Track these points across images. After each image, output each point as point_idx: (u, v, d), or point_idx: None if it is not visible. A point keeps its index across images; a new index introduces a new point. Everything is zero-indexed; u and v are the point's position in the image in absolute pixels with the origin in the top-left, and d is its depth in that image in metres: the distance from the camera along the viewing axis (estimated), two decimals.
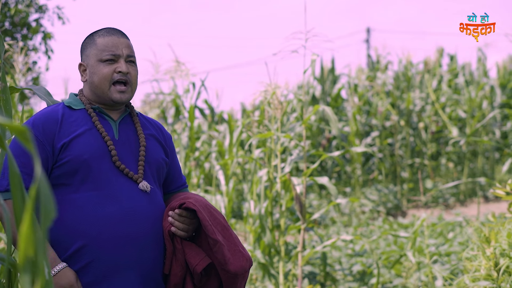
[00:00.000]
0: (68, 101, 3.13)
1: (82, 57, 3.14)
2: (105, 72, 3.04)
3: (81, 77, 3.15)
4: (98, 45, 3.07)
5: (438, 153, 15.75)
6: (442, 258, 7.13)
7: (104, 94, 3.07)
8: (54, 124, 2.98)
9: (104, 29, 3.15)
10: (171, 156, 3.32)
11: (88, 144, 2.97)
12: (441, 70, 16.86)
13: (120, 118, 3.15)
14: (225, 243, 2.99)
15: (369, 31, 26.83)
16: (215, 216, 3.04)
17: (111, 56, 3.05)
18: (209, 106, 11.47)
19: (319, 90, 16.09)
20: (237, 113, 15.04)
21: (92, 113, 3.07)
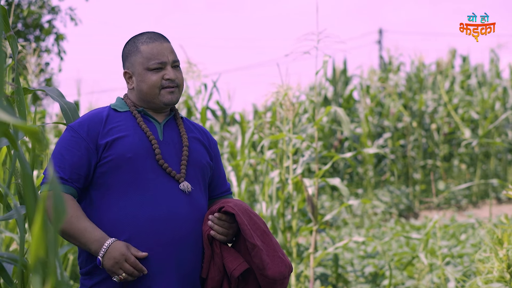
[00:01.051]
0: (114, 104, 3.17)
1: (126, 64, 3.17)
2: (154, 80, 3.08)
3: (127, 84, 3.18)
4: (143, 53, 3.09)
5: (451, 155, 15.70)
6: (454, 259, 7.11)
7: (155, 99, 3.11)
8: (99, 124, 3.03)
9: (146, 34, 3.15)
10: (215, 161, 3.33)
11: (132, 143, 3.01)
12: (454, 71, 16.81)
13: (165, 121, 3.18)
14: (264, 248, 2.98)
15: (381, 32, 26.77)
16: (254, 221, 3.03)
17: (158, 64, 3.08)
18: (221, 107, 11.48)
19: (331, 92, 16.07)
20: (249, 114, 15.02)
21: (136, 115, 3.11)
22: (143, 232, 2.92)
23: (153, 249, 2.93)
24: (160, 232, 2.94)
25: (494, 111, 15.00)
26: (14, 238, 4.93)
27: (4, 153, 5.01)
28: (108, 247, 2.84)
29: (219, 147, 10.56)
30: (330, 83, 15.96)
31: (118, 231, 2.91)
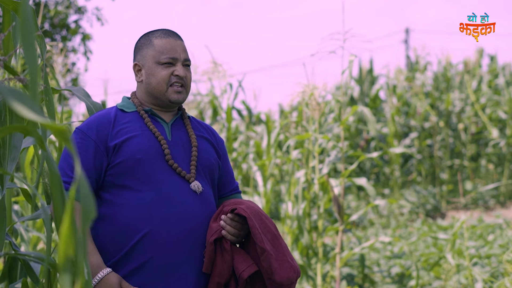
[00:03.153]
0: (121, 104, 3.16)
1: (137, 57, 3.16)
2: (163, 74, 3.07)
3: (136, 77, 3.17)
4: (156, 46, 3.09)
5: (478, 155, 15.60)
6: (482, 260, 7.06)
7: (161, 95, 3.10)
8: (108, 126, 3.01)
9: (160, 30, 3.15)
10: (223, 159, 3.33)
11: (141, 144, 2.99)
12: (481, 70, 16.69)
13: (172, 120, 3.17)
14: (273, 252, 2.98)
15: (408, 32, 26.67)
16: (266, 224, 3.03)
17: (169, 59, 3.07)
18: (246, 107, 11.48)
19: (357, 91, 16.04)
20: (274, 114, 15.01)
21: (144, 115, 3.09)
22: (159, 228, 2.92)
23: (167, 248, 2.93)
24: (175, 230, 2.94)
25: None
26: (41, 238, 4.96)
27: (31, 153, 5.04)
28: (101, 279, 2.84)
29: (245, 147, 10.58)
30: (356, 82, 15.92)
31: (135, 227, 2.91)
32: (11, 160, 2.70)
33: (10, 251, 3.14)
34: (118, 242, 2.92)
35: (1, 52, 3.14)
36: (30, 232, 5.11)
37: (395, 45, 44.11)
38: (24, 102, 1.36)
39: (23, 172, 5.35)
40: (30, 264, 3.05)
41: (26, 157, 5.15)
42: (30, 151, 5.01)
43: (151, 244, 2.91)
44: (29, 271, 3.03)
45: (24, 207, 5.31)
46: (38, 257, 2.74)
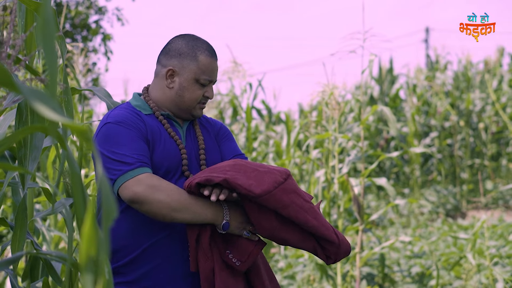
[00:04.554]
0: (136, 103, 3.08)
1: (174, 62, 3.04)
2: (198, 94, 3.02)
3: (166, 81, 3.06)
4: (200, 63, 3.02)
5: (499, 154, 15.53)
6: (503, 260, 7.03)
7: (188, 110, 3.06)
8: (140, 121, 2.96)
9: (206, 45, 3.07)
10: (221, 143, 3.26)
11: (167, 152, 2.96)
12: (502, 70, 16.62)
13: (186, 124, 3.14)
14: (236, 175, 2.81)
15: (428, 31, 26.60)
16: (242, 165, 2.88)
17: (207, 81, 3.04)
18: (266, 106, 11.49)
19: (377, 91, 16.01)
20: (294, 114, 15.01)
21: (163, 121, 3.04)
22: (181, 229, 2.92)
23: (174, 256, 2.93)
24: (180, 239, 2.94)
25: None
26: (62, 237, 4.99)
27: (54, 153, 5.07)
28: (229, 209, 2.86)
29: (264, 146, 10.58)
30: (376, 82, 15.89)
31: (158, 226, 2.90)
32: (32, 160, 2.72)
33: (31, 251, 3.16)
34: (128, 248, 2.92)
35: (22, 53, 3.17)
36: (51, 232, 5.14)
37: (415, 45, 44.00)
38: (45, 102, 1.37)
39: (46, 171, 5.38)
40: (52, 263, 3.07)
41: (48, 157, 5.18)
42: (52, 150, 5.04)
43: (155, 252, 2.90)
44: (51, 270, 3.05)
45: (45, 207, 5.35)
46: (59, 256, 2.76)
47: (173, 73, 3.03)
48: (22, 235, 2.75)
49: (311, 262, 7.36)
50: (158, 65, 3.11)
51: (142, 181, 2.73)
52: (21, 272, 5.08)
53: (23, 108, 2.73)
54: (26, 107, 2.73)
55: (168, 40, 3.15)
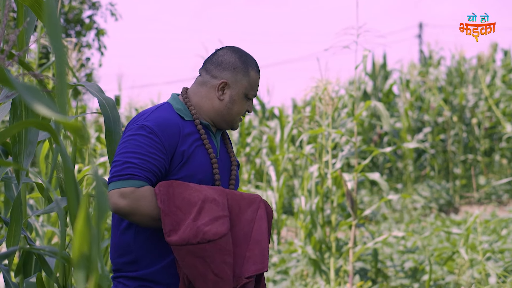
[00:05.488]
0: (177, 107, 3.06)
1: (228, 75, 3.05)
2: (244, 108, 3.08)
3: (216, 92, 3.06)
4: (251, 79, 3.06)
5: (492, 149, 15.57)
6: (495, 255, 7.05)
7: (230, 123, 3.10)
8: (177, 136, 2.94)
9: (256, 62, 3.12)
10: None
11: (201, 164, 2.97)
12: (495, 65, 16.66)
13: (219, 134, 3.15)
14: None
15: (421, 26, 26.61)
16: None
17: (253, 96, 3.09)
18: (260, 101, 11.50)
19: (370, 86, 16.02)
20: (288, 109, 15.01)
21: (201, 130, 3.03)
22: None
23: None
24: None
25: None
26: (55, 232, 4.99)
27: (46, 147, 5.07)
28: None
29: (258, 142, 10.59)
30: (370, 77, 15.91)
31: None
32: (27, 155, 2.72)
33: (25, 246, 3.16)
34: (160, 254, 2.93)
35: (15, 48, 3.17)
36: (44, 227, 5.14)
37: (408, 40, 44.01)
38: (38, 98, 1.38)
39: (38, 166, 5.38)
40: (45, 259, 3.07)
41: (41, 151, 5.18)
42: (45, 145, 5.04)
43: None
44: (44, 266, 3.05)
45: (38, 202, 5.35)
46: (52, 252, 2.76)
47: (225, 85, 3.04)
48: (17, 230, 2.75)
49: (305, 257, 7.38)
50: (207, 74, 3.09)
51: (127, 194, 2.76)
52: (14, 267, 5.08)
53: (17, 103, 2.73)
54: (21, 103, 2.73)
55: (215, 51, 3.14)
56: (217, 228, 2.75)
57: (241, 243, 2.89)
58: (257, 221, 2.94)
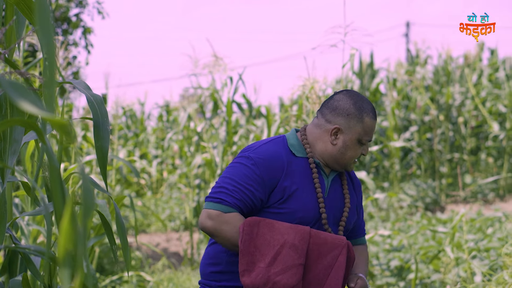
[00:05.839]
0: (291, 143, 3.16)
1: (340, 121, 3.11)
2: (358, 153, 3.13)
3: (330, 137, 3.12)
4: (365, 125, 3.10)
5: (478, 148, 15.63)
6: (481, 253, 7.08)
7: (344, 166, 3.16)
8: (280, 171, 3.05)
9: (371, 108, 3.13)
10: (359, 207, 3.37)
11: (304, 203, 3.05)
12: (482, 64, 16.70)
13: (333, 175, 3.20)
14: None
15: (408, 25, 26.67)
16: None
17: (368, 142, 3.12)
18: (247, 100, 11.49)
19: (357, 85, 16.03)
20: (275, 108, 15.02)
21: (314, 169, 3.11)
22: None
23: None
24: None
25: None
26: (41, 231, 4.98)
27: (32, 146, 5.06)
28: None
29: (245, 140, 10.59)
30: (357, 76, 15.92)
31: None
32: (11, 154, 2.71)
33: (10, 245, 3.15)
34: None
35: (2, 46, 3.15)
36: (30, 226, 5.13)
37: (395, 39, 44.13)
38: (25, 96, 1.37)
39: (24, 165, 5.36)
40: (31, 258, 3.07)
41: (27, 150, 5.16)
42: (31, 144, 5.02)
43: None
44: (30, 265, 3.04)
45: (24, 201, 5.33)
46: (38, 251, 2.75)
47: (338, 131, 3.10)
48: (2, 229, 2.74)
49: None
50: (322, 118, 3.17)
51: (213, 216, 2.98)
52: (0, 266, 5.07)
53: (2, 101, 2.72)
54: (6, 100, 2.72)
55: (333, 94, 3.22)
56: (288, 279, 2.86)
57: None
58: (335, 269, 2.98)
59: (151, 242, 11.03)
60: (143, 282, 7.60)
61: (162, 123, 18.07)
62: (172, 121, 17.35)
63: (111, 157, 7.41)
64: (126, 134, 16.49)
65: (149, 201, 14.20)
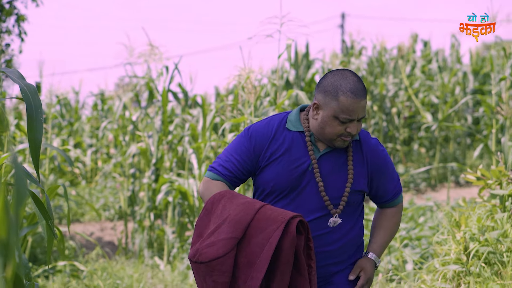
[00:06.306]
0: (289, 118, 3.39)
1: (320, 97, 3.26)
2: (338, 129, 3.20)
3: (312, 112, 3.30)
4: (340, 103, 3.18)
5: (411, 138, 15.85)
6: (412, 242, 7.19)
7: (328, 141, 3.27)
8: (266, 138, 3.34)
9: (351, 87, 3.19)
10: (374, 174, 3.40)
11: (277, 171, 3.29)
12: (415, 56, 16.94)
13: (328, 150, 3.31)
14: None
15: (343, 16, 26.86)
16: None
17: (347, 120, 3.18)
18: (182, 89, 11.45)
19: (293, 75, 16.08)
20: (211, 97, 14.99)
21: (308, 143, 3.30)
22: None
23: None
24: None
25: (454, 96, 15.17)
26: None
27: None
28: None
29: (180, 130, 10.57)
30: (292, 66, 15.97)
31: None
32: None
33: None
34: None
35: None
36: None
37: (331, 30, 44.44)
38: None
39: None
40: None
41: None
42: None
43: None
44: None
45: None
46: None
47: (318, 106, 3.25)
48: None
49: None
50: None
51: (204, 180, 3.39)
52: None
53: None
54: None
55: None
56: (214, 251, 2.98)
57: (250, 263, 3.04)
58: (268, 244, 3.02)
59: (85, 232, 10.95)
60: (76, 272, 7.53)
61: (97, 112, 17.91)
62: (107, 110, 17.20)
63: (45, 146, 7.33)
64: (60, 123, 16.29)
65: (83, 191, 14.07)
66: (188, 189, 8.74)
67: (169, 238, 8.94)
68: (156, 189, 9.26)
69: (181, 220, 9.16)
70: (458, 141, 15.71)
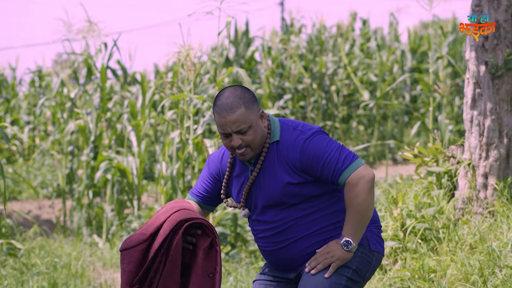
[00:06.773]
0: None
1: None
2: (226, 143, 3.35)
3: None
4: (216, 119, 3.35)
5: (349, 116, 15.98)
6: None
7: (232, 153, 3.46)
8: (215, 168, 3.60)
9: (220, 102, 3.32)
10: (307, 165, 3.36)
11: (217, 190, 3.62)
12: (354, 34, 17.05)
13: (254, 160, 3.44)
14: None
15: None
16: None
17: (223, 135, 3.34)
18: (121, 66, 11.36)
19: (233, 52, 16.07)
20: (150, 74, 14.92)
21: (231, 160, 3.52)
22: None
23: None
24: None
25: (392, 74, 15.34)
26: None
27: None
28: None
29: (119, 107, 10.50)
30: (232, 44, 15.96)
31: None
32: None
33: None
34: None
35: None
36: None
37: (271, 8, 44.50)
38: None
39: None
40: None
41: None
42: None
43: None
44: None
45: None
46: None
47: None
48: None
49: None
50: None
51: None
52: None
53: None
54: None
55: None
56: (127, 243, 3.32)
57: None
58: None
59: (23, 210, 10.84)
60: (14, 250, 7.44)
61: (34, 89, 17.67)
62: (45, 87, 16.97)
63: None
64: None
65: (20, 168, 13.91)
66: (127, 167, 8.71)
67: (107, 216, 8.91)
68: (94, 166, 9.20)
69: (120, 198, 9.13)
70: (396, 119, 15.90)
